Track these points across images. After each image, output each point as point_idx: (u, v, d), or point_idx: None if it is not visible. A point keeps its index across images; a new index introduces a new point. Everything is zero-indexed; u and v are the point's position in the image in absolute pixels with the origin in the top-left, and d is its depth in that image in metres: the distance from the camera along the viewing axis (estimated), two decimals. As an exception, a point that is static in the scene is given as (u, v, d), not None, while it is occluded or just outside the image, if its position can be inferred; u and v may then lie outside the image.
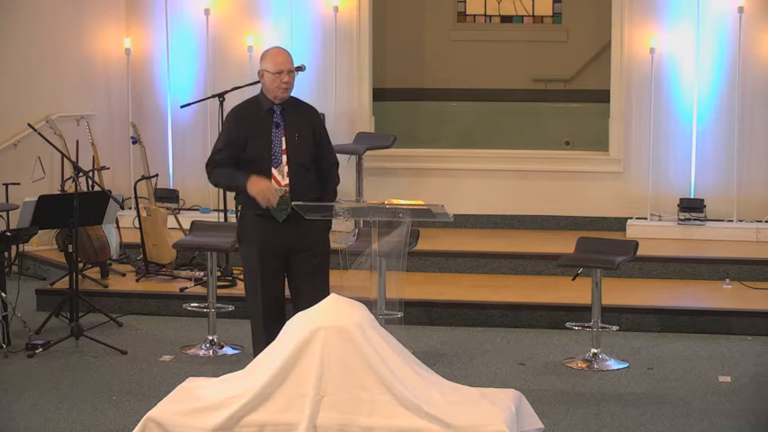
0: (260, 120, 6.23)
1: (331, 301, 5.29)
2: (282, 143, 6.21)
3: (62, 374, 7.10)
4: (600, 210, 10.09)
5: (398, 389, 4.99)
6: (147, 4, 10.47)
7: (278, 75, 6.18)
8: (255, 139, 6.20)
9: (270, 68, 6.20)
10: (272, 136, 6.21)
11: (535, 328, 8.10)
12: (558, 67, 11.76)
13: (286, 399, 5.03)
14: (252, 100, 6.38)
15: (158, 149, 10.37)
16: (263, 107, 6.26)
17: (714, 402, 6.54)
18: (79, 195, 7.76)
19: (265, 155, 6.19)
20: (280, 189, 6.18)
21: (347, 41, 10.21)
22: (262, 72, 6.25)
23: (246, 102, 6.41)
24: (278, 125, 6.23)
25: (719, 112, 9.82)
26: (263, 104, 6.27)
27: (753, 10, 9.68)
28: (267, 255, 6.24)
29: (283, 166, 6.19)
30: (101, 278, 8.92)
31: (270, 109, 6.25)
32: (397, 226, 6.23)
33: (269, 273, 6.27)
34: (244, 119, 6.26)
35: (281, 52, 6.28)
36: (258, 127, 6.22)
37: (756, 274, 8.79)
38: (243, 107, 6.36)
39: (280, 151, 6.20)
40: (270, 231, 6.21)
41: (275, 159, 6.19)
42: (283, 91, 6.22)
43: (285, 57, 6.24)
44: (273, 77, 6.19)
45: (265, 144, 6.20)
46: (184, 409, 5.15)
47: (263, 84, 6.26)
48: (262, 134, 6.21)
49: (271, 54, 6.27)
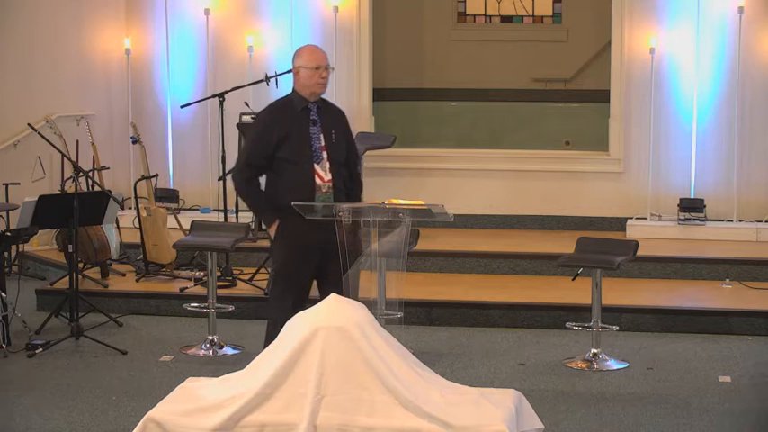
0: (297, 118, 6.26)
1: (331, 301, 5.29)
2: (321, 140, 6.26)
3: (62, 374, 7.09)
4: (600, 210, 10.09)
5: (398, 389, 4.99)
6: (147, 4, 10.48)
7: (316, 70, 6.25)
8: (294, 137, 6.22)
9: (307, 64, 6.26)
10: (310, 133, 6.25)
11: (535, 328, 8.10)
12: (558, 67, 11.77)
13: (286, 399, 5.03)
14: (284, 100, 6.39)
15: (158, 149, 10.38)
16: (298, 105, 6.29)
17: (714, 402, 6.53)
18: (79, 195, 7.76)
19: (305, 152, 6.22)
20: (323, 185, 6.23)
21: (347, 41, 10.22)
22: (297, 69, 6.29)
23: (278, 102, 6.42)
24: (315, 122, 6.28)
25: (719, 112, 9.83)
26: (297, 103, 6.30)
27: (753, 10, 9.68)
28: (302, 253, 6.25)
29: (325, 162, 6.24)
30: (101, 278, 8.92)
31: (305, 107, 6.29)
32: (397, 226, 6.23)
33: (300, 278, 6.28)
34: (279, 118, 6.28)
35: (317, 49, 6.36)
36: (296, 125, 6.25)
37: (756, 274, 8.79)
38: (276, 107, 6.38)
39: (319, 148, 6.25)
40: (306, 230, 6.19)
41: (316, 156, 6.23)
42: (321, 86, 6.28)
43: (322, 53, 6.33)
44: (311, 73, 6.24)
45: (305, 142, 6.23)
46: (184, 409, 5.15)
47: (299, 81, 6.30)
48: (300, 132, 6.24)
49: (307, 50, 6.34)
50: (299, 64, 6.29)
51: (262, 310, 8.35)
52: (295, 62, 6.32)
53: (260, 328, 8.00)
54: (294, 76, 6.34)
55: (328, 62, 6.36)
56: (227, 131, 9.14)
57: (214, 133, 9.91)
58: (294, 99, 6.33)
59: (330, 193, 6.23)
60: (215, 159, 9.53)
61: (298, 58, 6.32)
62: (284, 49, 10.21)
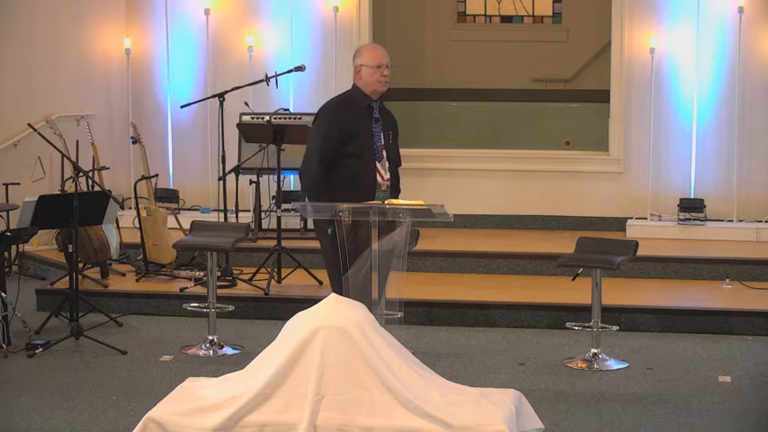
0: (361, 115, 6.30)
1: (331, 301, 5.29)
2: (381, 139, 6.32)
3: (62, 374, 7.09)
4: (600, 210, 10.10)
5: (398, 389, 4.99)
6: (147, 4, 10.48)
7: (378, 68, 6.30)
8: (359, 134, 6.26)
9: (369, 62, 6.31)
10: (372, 131, 6.29)
11: (535, 328, 8.09)
12: (558, 67, 11.77)
13: (286, 399, 5.03)
14: (345, 96, 6.42)
15: (158, 149, 10.38)
16: (362, 103, 6.32)
17: (714, 402, 6.53)
18: (79, 195, 7.76)
19: (369, 149, 6.26)
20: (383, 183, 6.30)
21: (347, 41, 10.22)
22: (359, 67, 6.34)
23: (340, 98, 6.45)
24: (377, 120, 6.34)
25: (719, 112, 9.83)
26: (360, 100, 6.34)
27: (753, 10, 9.68)
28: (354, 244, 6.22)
29: (385, 160, 6.30)
30: (101, 278, 8.92)
31: (368, 105, 6.33)
32: (397, 226, 6.23)
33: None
34: (345, 114, 6.31)
35: (377, 47, 6.42)
36: (360, 122, 6.29)
37: (756, 274, 8.80)
38: (340, 104, 6.40)
39: (380, 146, 6.31)
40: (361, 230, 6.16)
41: (378, 154, 6.29)
42: (383, 84, 6.33)
43: (383, 51, 6.38)
44: (373, 71, 6.30)
45: (369, 139, 6.27)
46: (184, 409, 5.14)
47: (361, 79, 6.34)
48: (365, 129, 6.28)
49: (368, 49, 6.40)
50: (361, 62, 6.33)
51: (262, 310, 8.37)
52: (356, 60, 6.37)
53: (260, 328, 8.04)
54: (355, 75, 6.38)
55: (390, 60, 6.38)
56: (227, 131, 9.13)
57: (214, 133, 9.92)
58: (356, 96, 6.36)
59: (388, 192, 6.30)
60: (215, 159, 9.53)
61: (358, 57, 6.36)
62: (284, 49, 10.23)
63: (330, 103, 6.48)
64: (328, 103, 6.49)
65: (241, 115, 9.78)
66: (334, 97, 6.59)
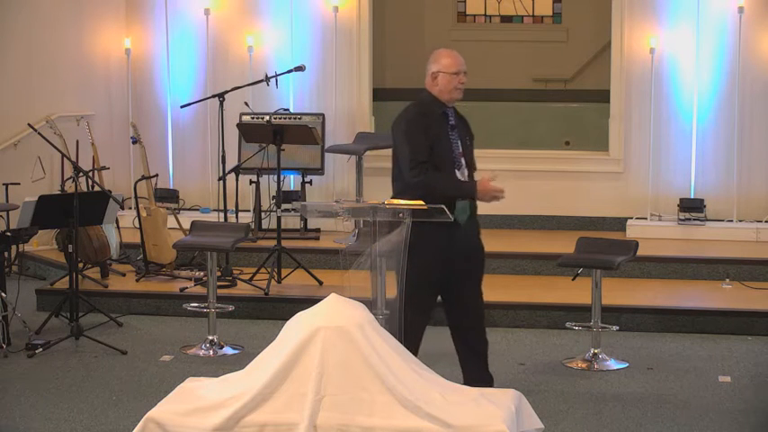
0: (439, 122, 6.18)
1: (331, 301, 5.29)
2: (459, 146, 6.19)
3: (62, 374, 7.09)
4: (600, 210, 10.09)
5: (398, 389, 4.99)
6: (147, 4, 10.48)
7: (455, 75, 6.17)
8: (439, 141, 6.13)
9: (446, 69, 6.17)
10: (450, 138, 6.17)
11: (535, 328, 8.10)
12: (558, 67, 11.77)
13: (286, 399, 5.03)
14: (424, 102, 6.25)
15: (158, 149, 10.38)
16: (437, 110, 6.20)
17: (714, 402, 6.54)
18: (79, 195, 7.76)
19: (448, 157, 6.13)
20: None
21: (347, 41, 10.22)
22: (436, 74, 6.19)
23: (420, 104, 6.26)
24: (453, 128, 6.20)
25: (719, 112, 9.83)
26: (435, 107, 6.21)
27: (753, 10, 9.68)
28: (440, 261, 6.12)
29: (464, 168, 6.18)
30: (101, 278, 8.92)
31: (443, 112, 6.21)
32: (397, 226, 6.23)
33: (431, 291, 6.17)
34: (426, 121, 6.17)
35: (454, 53, 6.26)
36: (440, 129, 6.16)
37: (756, 274, 8.79)
38: (422, 110, 6.23)
39: (458, 153, 6.17)
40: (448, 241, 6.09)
41: (456, 161, 6.15)
42: (459, 92, 6.20)
43: (460, 58, 6.24)
44: (450, 78, 6.16)
45: (448, 146, 6.14)
46: (184, 409, 5.14)
47: (437, 86, 6.20)
48: (444, 136, 6.16)
49: (445, 55, 6.24)
50: (438, 69, 6.20)
51: (262, 310, 8.37)
52: (432, 67, 6.23)
53: (260, 328, 8.04)
54: (431, 81, 6.22)
55: (466, 67, 6.25)
56: (227, 131, 9.14)
57: (214, 133, 9.91)
58: (431, 102, 6.22)
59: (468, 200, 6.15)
60: (215, 159, 9.52)
61: (435, 63, 6.22)
62: (284, 49, 10.23)
63: (410, 111, 6.28)
64: (408, 112, 6.29)
65: (241, 115, 9.78)
66: (408, 105, 6.35)
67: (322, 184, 10.16)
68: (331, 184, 10.21)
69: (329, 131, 10.09)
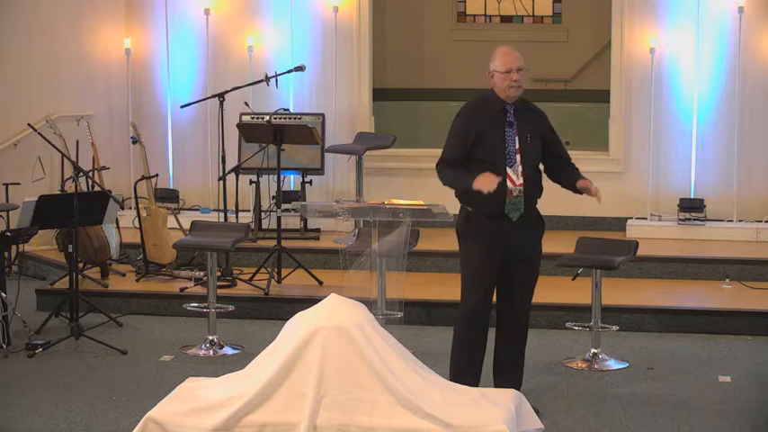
0: (493, 118, 6.19)
1: (331, 301, 5.29)
2: (516, 143, 6.18)
3: (62, 374, 7.09)
4: (600, 210, 10.05)
5: (398, 389, 4.99)
6: (147, 4, 10.48)
7: (507, 74, 6.16)
8: (489, 137, 6.16)
9: (499, 68, 6.18)
10: (505, 135, 6.19)
11: (535, 328, 8.07)
12: (558, 67, 11.76)
13: (286, 399, 5.03)
14: (483, 97, 6.30)
15: (158, 149, 10.37)
16: (496, 106, 6.22)
17: (714, 402, 6.53)
18: (79, 195, 7.76)
19: (499, 154, 6.15)
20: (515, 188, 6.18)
21: (347, 41, 10.21)
22: (491, 72, 6.22)
23: (478, 99, 6.32)
24: (511, 124, 6.20)
25: (719, 112, 9.82)
26: (495, 103, 6.23)
27: (753, 10, 9.68)
28: (490, 253, 6.22)
29: (518, 165, 6.17)
30: (101, 278, 8.92)
31: (503, 108, 6.23)
32: (397, 226, 6.23)
33: (489, 271, 6.27)
34: (478, 116, 6.21)
35: (509, 51, 6.26)
36: (492, 125, 6.18)
37: (756, 274, 8.79)
38: (476, 105, 6.30)
39: (513, 150, 6.17)
40: (496, 231, 6.18)
41: (509, 159, 6.16)
42: (514, 89, 6.19)
43: (514, 55, 6.23)
44: (503, 77, 6.17)
45: (499, 143, 6.16)
46: (184, 409, 5.15)
47: (494, 84, 6.23)
48: (496, 133, 6.17)
49: (499, 53, 6.25)
50: (492, 68, 6.21)
51: (262, 310, 8.37)
52: (489, 65, 6.25)
53: (260, 328, 8.04)
54: (489, 79, 6.26)
55: (522, 63, 6.23)
56: (227, 131, 9.14)
57: (214, 133, 9.91)
58: (492, 98, 6.25)
59: (521, 197, 6.17)
60: (215, 159, 9.53)
61: (491, 62, 6.24)
62: (284, 49, 10.23)
63: (468, 104, 6.36)
64: (466, 104, 6.37)
65: (241, 115, 9.78)
66: (472, 98, 6.43)
67: (322, 184, 10.16)
68: (331, 184, 10.21)
69: (329, 131, 10.09)
